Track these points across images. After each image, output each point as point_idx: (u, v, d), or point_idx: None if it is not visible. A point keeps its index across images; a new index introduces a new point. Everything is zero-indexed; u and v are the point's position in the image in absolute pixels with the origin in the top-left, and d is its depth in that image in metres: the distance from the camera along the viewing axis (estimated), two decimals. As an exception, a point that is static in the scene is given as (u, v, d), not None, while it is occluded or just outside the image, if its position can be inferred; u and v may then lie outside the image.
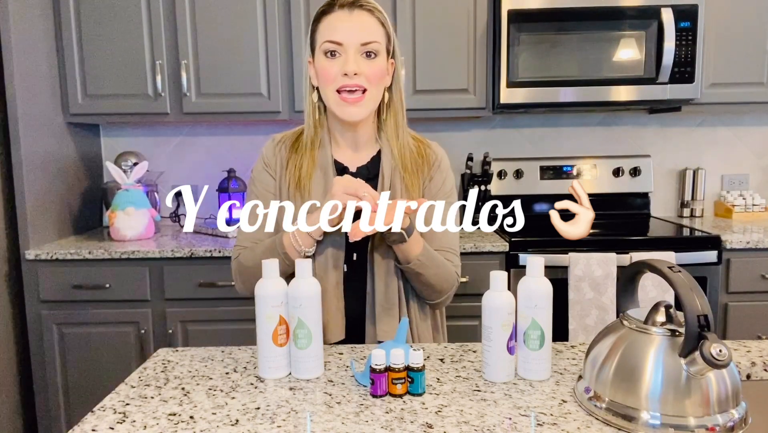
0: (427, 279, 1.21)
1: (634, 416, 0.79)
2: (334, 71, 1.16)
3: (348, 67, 1.14)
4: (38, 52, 2.21)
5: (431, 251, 1.21)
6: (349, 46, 1.15)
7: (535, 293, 0.94)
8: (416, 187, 1.25)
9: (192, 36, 2.31)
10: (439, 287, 1.23)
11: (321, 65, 1.17)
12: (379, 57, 1.18)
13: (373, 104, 1.20)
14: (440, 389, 0.93)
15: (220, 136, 2.72)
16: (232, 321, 2.15)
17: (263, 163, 1.27)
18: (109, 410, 0.89)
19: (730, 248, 2.13)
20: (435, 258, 1.21)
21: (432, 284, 1.22)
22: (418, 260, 1.18)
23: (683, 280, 0.79)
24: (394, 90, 1.24)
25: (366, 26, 1.16)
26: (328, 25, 1.17)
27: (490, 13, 2.31)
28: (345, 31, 1.15)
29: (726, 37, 2.34)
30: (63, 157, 2.38)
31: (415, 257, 1.17)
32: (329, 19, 1.17)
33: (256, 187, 1.27)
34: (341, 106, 1.17)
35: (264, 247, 1.20)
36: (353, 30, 1.15)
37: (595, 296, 2.05)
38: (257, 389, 0.95)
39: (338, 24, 1.16)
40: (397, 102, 1.25)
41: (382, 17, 1.19)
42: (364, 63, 1.16)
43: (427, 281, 1.21)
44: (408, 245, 1.15)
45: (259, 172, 1.28)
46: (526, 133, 2.73)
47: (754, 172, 2.75)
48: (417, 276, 1.20)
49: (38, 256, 2.11)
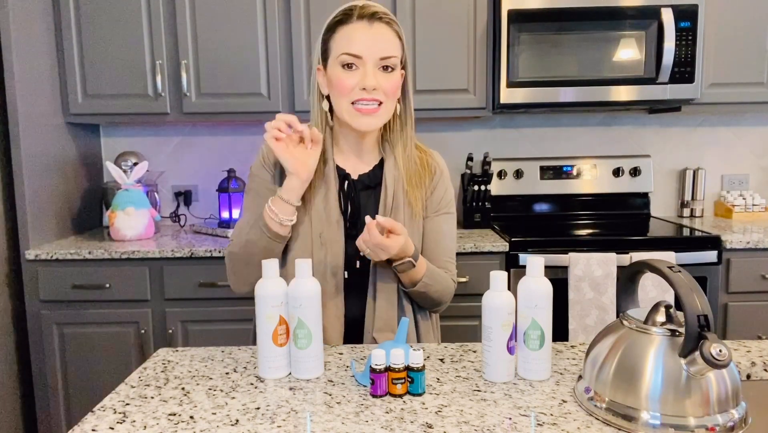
0: (430, 296, 1.23)
1: (634, 416, 0.79)
2: (351, 84, 1.14)
3: (367, 82, 1.13)
4: (38, 52, 2.21)
5: (433, 269, 1.23)
6: (368, 60, 1.13)
7: (535, 293, 0.94)
8: (419, 200, 1.24)
9: (192, 36, 2.31)
10: (439, 300, 1.26)
11: (337, 76, 1.15)
12: (395, 71, 1.17)
13: (388, 116, 1.19)
14: (440, 389, 0.93)
15: (220, 136, 2.72)
16: (232, 321, 2.15)
17: (262, 160, 1.26)
18: (109, 410, 0.89)
19: (730, 248, 2.13)
20: (437, 275, 1.23)
21: (434, 299, 1.25)
22: (423, 282, 1.20)
23: (683, 280, 0.79)
24: (404, 102, 1.23)
25: (385, 40, 1.15)
26: (347, 36, 1.14)
27: (490, 13, 2.31)
28: (364, 44, 1.13)
29: (726, 37, 2.34)
30: (63, 157, 2.38)
31: (420, 279, 1.20)
32: (347, 29, 1.15)
33: (254, 182, 1.26)
34: (356, 117, 1.16)
35: (248, 226, 1.19)
36: (373, 43, 1.13)
37: (595, 296, 2.05)
38: (257, 389, 0.95)
39: (357, 36, 1.14)
40: (408, 114, 1.24)
41: (399, 30, 1.18)
42: (382, 77, 1.15)
43: (429, 297, 1.24)
44: (415, 270, 1.18)
45: (257, 168, 1.27)
46: (526, 133, 2.73)
47: (754, 172, 2.75)
48: (421, 294, 1.23)
49: (38, 256, 2.11)
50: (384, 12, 1.16)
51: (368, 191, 1.25)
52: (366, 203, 1.24)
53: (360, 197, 1.24)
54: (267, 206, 1.15)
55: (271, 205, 1.15)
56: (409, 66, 1.24)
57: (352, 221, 1.22)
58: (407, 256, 1.16)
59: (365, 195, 1.25)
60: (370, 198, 1.24)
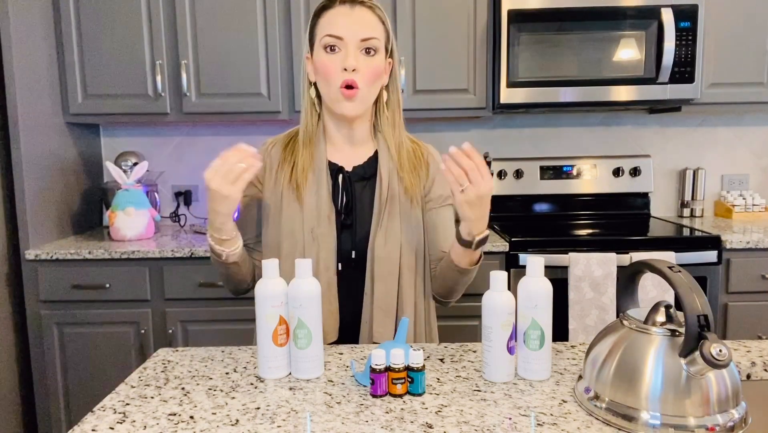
0: (468, 280, 1.24)
1: (634, 416, 0.79)
2: (333, 66, 1.16)
3: (348, 62, 1.15)
4: (38, 52, 2.21)
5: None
6: (350, 41, 1.15)
7: (535, 293, 0.94)
8: (416, 188, 1.24)
9: (192, 36, 2.31)
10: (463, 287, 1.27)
11: (321, 60, 1.18)
12: (377, 54, 1.18)
13: (368, 101, 1.20)
14: (440, 389, 0.93)
15: (220, 136, 2.72)
16: (232, 321, 2.15)
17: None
18: (109, 410, 0.89)
19: (730, 248, 2.13)
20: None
21: (467, 285, 1.26)
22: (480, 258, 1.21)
23: (683, 280, 0.79)
24: (391, 89, 1.25)
25: (366, 22, 1.17)
26: (329, 20, 1.18)
27: (490, 13, 2.31)
28: (346, 26, 1.16)
29: (726, 37, 2.34)
30: (63, 157, 2.38)
31: (480, 256, 1.21)
32: (330, 14, 1.18)
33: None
34: (337, 101, 1.17)
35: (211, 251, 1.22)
36: (354, 25, 1.16)
37: (595, 296, 2.05)
38: (257, 389, 0.95)
39: (339, 19, 1.17)
40: (395, 101, 1.25)
41: (382, 15, 1.20)
42: (363, 60, 1.17)
43: (467, 281, 1.24)
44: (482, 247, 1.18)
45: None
46: (526, 133, 2.73)
47: (754, 172, 2.75)
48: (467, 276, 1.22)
49: (38, 256, 2.11)
50: None
51: (363, 182, 1.25)
52: (361, 194, 1.24)
53: (355, 189, 1.24)
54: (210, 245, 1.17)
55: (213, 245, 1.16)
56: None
57: (347, 212, 1.22)
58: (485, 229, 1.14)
59: (360, 186, 1.25)
60: (365, 189, 1.25)
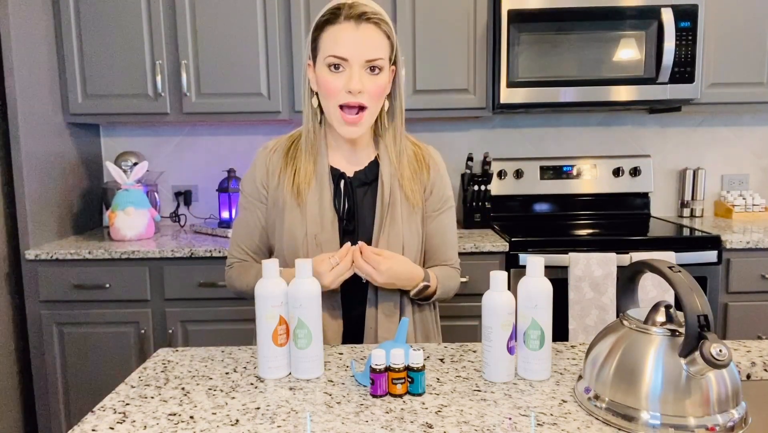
0: (440, 298, 1.29)
1: (634, 416, 0.79)
2: (337, 86, 1.13)
3: (352, 86, 1.12)
4: (38, 52, 2.21)
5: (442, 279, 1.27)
6: (354, 62, 1.12)
7: (535, 293, 0.94)
8: (417, 194, 1.24)
9: (192, 36, 2.31)
10: (447, 298, 1.32)
11: (324, 78, 1.14)
12: (382, 72, 1.15)
13: (371, 120, 1.19)
14: (440, 389, 0.93)
15: (220, 136, 2.72)
16: (232, 321, 2.15)
17: (253, 175, 1.27)
18: (109, 410, 0.89)
19: (730, 247, 2.13)
20: (446, 281, 1.28)
21: (444, 300, 1.32)
22: (436, 297, 1.27)
23: (683, 280, 0.79)
24: (394, 96, 1.22)
25: (372, 41, 1.13)
26: (333, 38, 1.13)
27: (490, 13, 2.31)
28: (351, 46, 1.11)
29: (726, 37, 2.34)
30: (63, 157, 2.38)
31: (432, 293, 1.25)
32: (334, 30, 1.13)
33: (245, 198, 1.28)
34: (341, 124, 1.16)
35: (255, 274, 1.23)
36: (359, 46, 1.11)
37: (595, 296, 2.05)
38: (257, 389, 0.95)
39: (344, 38, 1.12)
40: (397, 108, 1.23)
41: (388, 29, 1.15)
42: (368, 79, 1.14)
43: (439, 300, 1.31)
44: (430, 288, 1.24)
45: (248, 183, 1.28)
46: (526, 133, 2.73)
47: (754, 172, 2.75)
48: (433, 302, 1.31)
49: (38, 256, 2.11)
50: (373, 12, 1.13)
51: (365, 188, 1.25)
52: (363, 200, 1.24)
53: (357, 194, 1.24)
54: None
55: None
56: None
57: (349, 218, 1.22)
58: (420, 281, 1.21)
59: (362, 191, 1.25)
60: (367, 194, 1.25)
